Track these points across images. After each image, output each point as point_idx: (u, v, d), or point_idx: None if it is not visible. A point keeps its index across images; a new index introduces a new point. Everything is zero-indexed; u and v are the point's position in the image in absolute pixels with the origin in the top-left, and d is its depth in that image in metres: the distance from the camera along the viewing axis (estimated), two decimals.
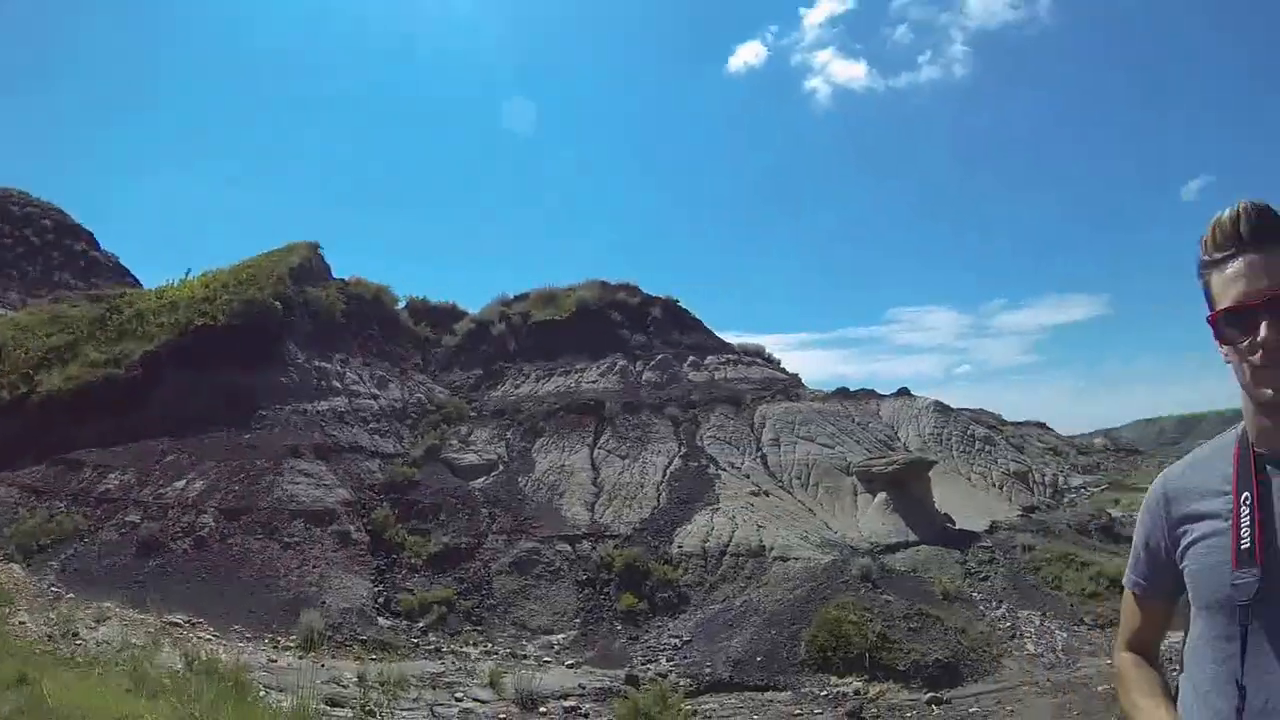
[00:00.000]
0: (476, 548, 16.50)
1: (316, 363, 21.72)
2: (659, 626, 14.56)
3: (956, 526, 18.85)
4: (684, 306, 29.09)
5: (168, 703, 7.23)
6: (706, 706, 11.70)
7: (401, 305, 27.89)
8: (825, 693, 12.28)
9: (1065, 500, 22.68)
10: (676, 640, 13.96)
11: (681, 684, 12.22)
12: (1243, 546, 1.31)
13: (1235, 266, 1.33)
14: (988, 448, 23.73)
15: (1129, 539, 1.59)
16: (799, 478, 20.55)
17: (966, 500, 20.31)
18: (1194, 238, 1.44)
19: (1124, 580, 1.62)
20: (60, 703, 5.86)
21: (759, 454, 21.38)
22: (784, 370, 27.60)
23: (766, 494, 19.33)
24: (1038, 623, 13.87)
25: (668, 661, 13.32)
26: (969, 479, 21.92)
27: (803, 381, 26.78)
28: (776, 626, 14.09)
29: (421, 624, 14.19)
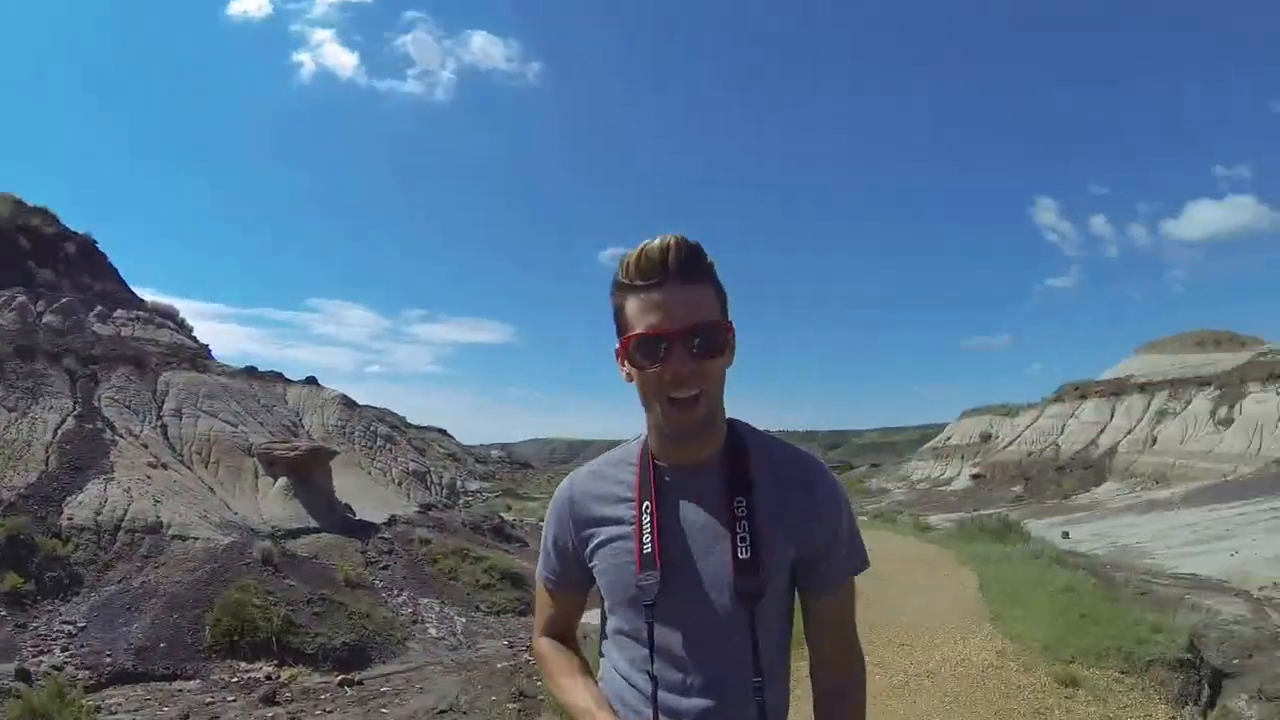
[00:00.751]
0: None
1: None
2: (50, 611, 12.88)
3: (357, 517, 20.24)
4: (102, 250, 25.82)
5: None
6: (111, 700, 10.93)
7: None
8: (236, 679, 12.42)
9: (461, 501, 25.86)
10: (70, 627, 12.55)
11: (80, 677, 11.14)
12: (645, 551, 1.42)
13: (655, 296, 1.36)
14: (390, 445, 25.74)
15: (519, 539, 2.30)
16: (200, 453, 19.68)
17: (367, 492, 21.87)
18: (600, 297, 1.50)
19: (537, 574, 1.66)
20: None
21: (160, 423, 19.82)
22: (194, 339, 25.78)
23: (165, 467, 18.08)
24: (438, 609, 15.98)
25: (62, 652, 11.90)
26: (370, 473, 23.57)
27: (211, 354, 25.25)
28: (179, 610, 13.61)
29: None
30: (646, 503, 1.46)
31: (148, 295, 26.70)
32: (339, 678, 12.99)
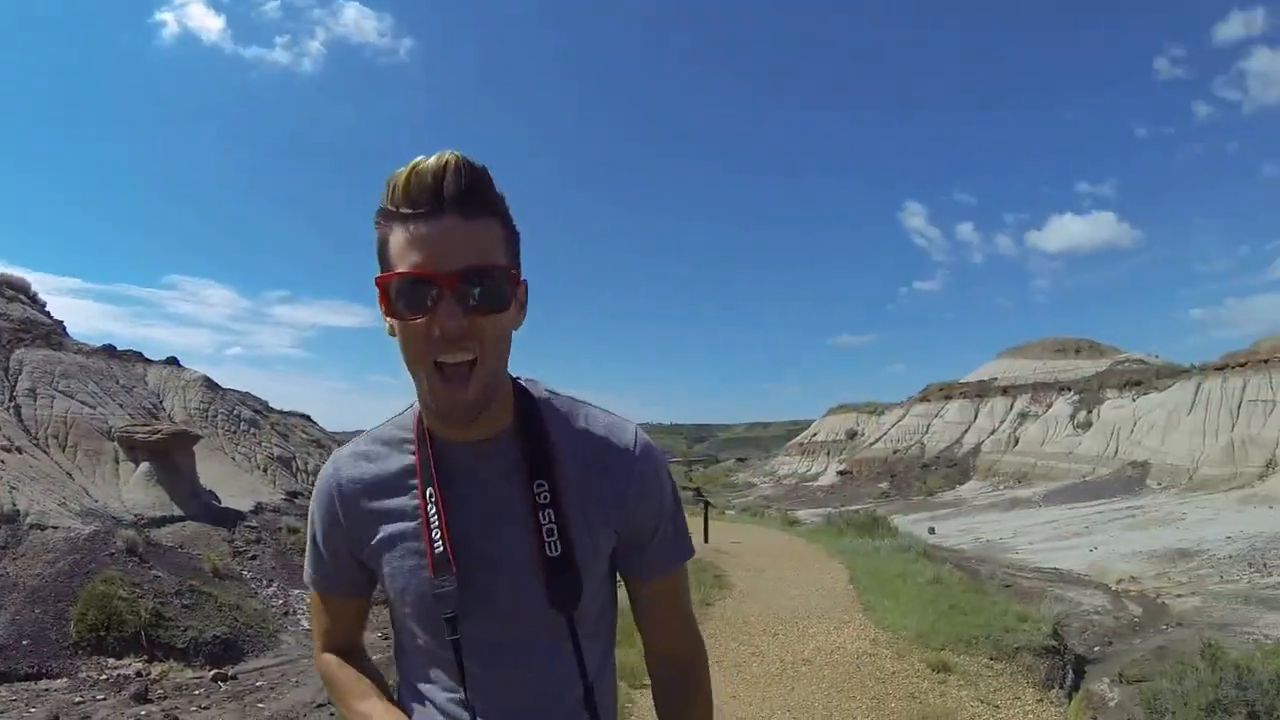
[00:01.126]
0: None
1: None
2: None
3: (222, 504, 19.69)
4: None
5: None
6: None
7: None
8: (105, 676, 12.12)
9: None
10: None
11: None
12: (437, 551, 1.17)
13: (425, 229, 1.07)
14: (254, 430, 24.94)
15: None
16: (56, 436, 18.57)
17: (231, 479, 21.26)
18: None
19: (306, 576, 1.39)
20: None
21: (13, 404, 18.49)
22: (48, 314, 23.89)
23: (20, 451, 17.02)
24: (309, 601, 15.97)
25: None
26: (234, 458, 22.84)
27: (67, 331, 23.66)
28: (41, 605, 13.09)
29: None
30: (430, 490, 1.20)
31: None
32: (212, 672, 12.86)
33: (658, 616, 1.38)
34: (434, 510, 1.20)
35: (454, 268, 1.08)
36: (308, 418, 28.91)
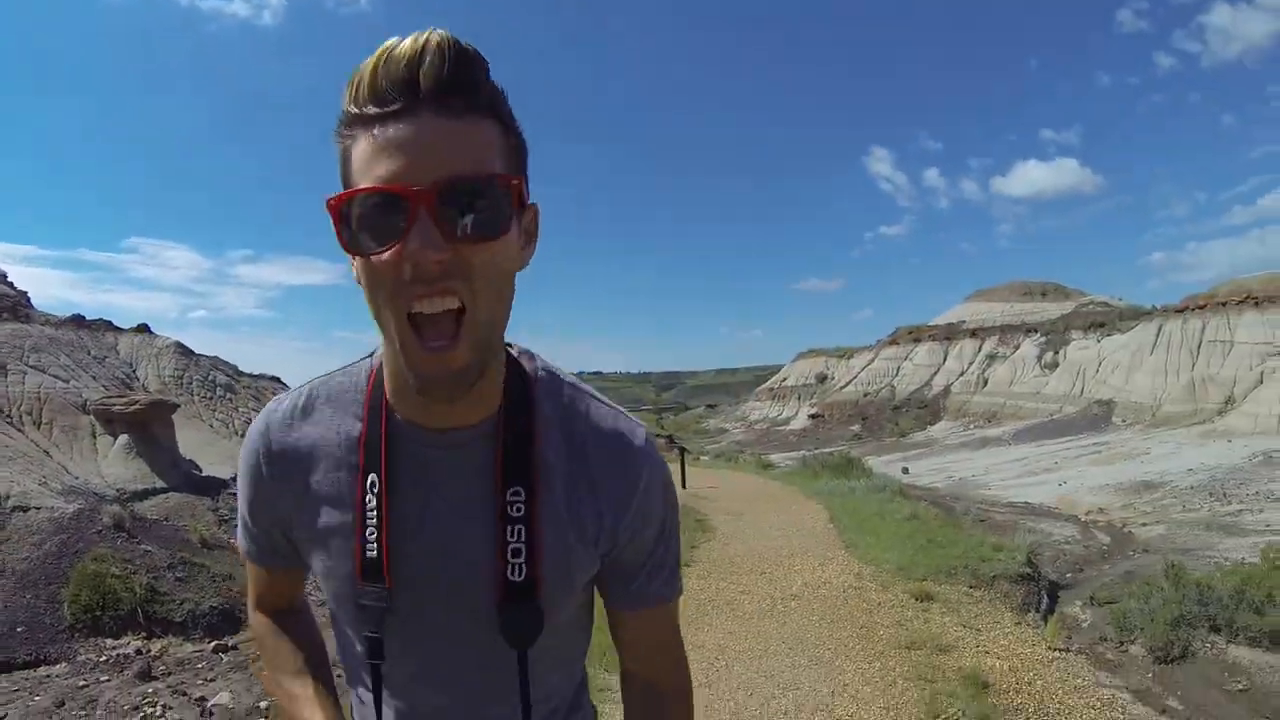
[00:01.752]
0: None
1: None
2: None
3: (203, 473, 19.64)
4: None
5: None
6: None
7: None
8: (104, 658, 12.15)
9: None
10: None
11: None
12: (368, 555, 0.95)
13: (395, 130, 0.78)
14: (229, 395, 24.66)
15: None
16: (30, 413, 18.30)
17: (210, 446, 21.13)
18: None
19: (237, 541, 1.16)
20: None
21: None
22: (11, 285, 23.16)
23: None
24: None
25: None
26: (211, 425, 22.65)
27: (31, 302, 23.04)
28: (32, 590, 13.05)
29: None
30: (373, 476, 0.96)
31: None
32: (212, 644, 12.96)
33: (637, 647, 1.15)
34: (373, 504, 0.96)
35: (431, 179, 0.78)
36: (278, 379, 28.61)
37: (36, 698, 10.89)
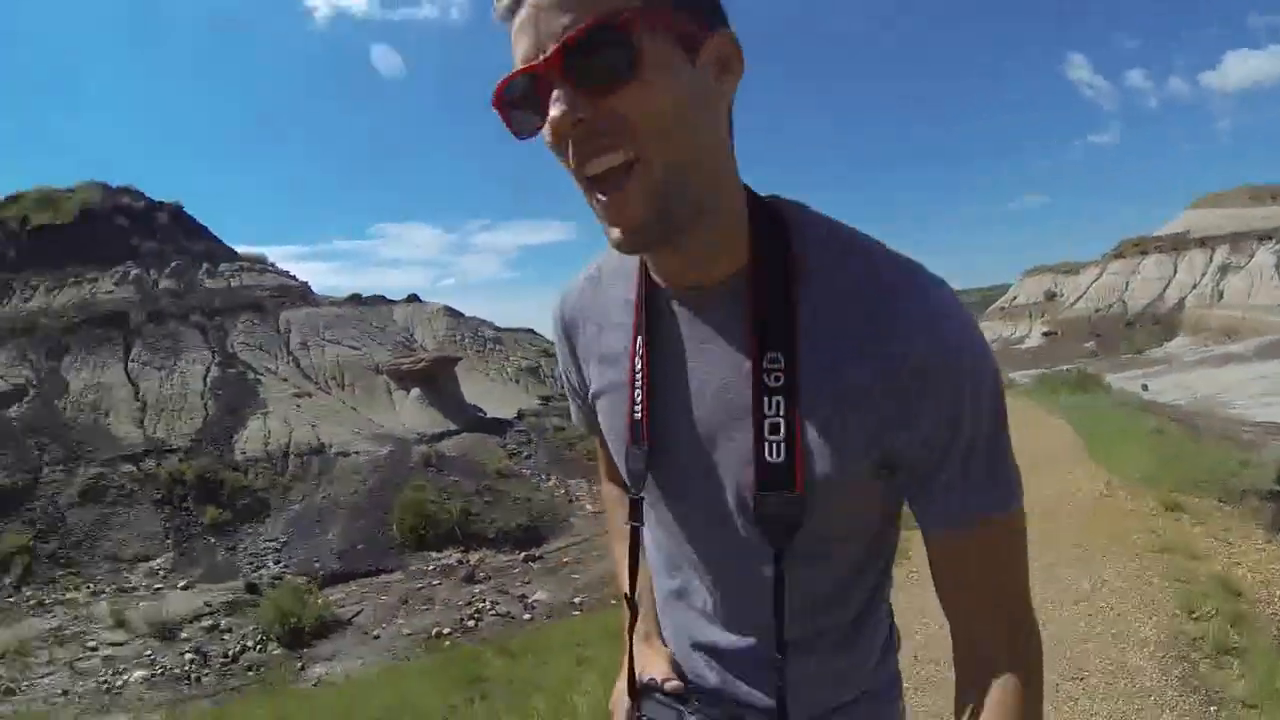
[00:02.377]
0: (34, 484, 14.13)
1: None
2: (250, 533, 14.22)
3: (487, 416, 20.92)
4: (189, 213, 26.96)
5: None
6: (334, 597, 12.01)
7: None
8: (432, 567, 13.38)
9: None
10: (274, 544, 13.87)
11: (299, 582, 12.12)
12: (635, 416, 0.92)
13: (522, 12, 0.75)
14: (498, 347, 26.44)
15: None
16: (334, 378, 20.69)
17: (490, 393, 22.59)
18: None
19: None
20: None
21: (290, 358, 20.97)
22: (295, 278, 26.61)
23: (309, 395, 19.09)
24: (587, 487, 16.74)
25: (275, 564, 13.23)
26: (487, 375, 24.27)
27: (312, 289, 26.28)
28: (363, 516, 14.57)
29: (9, 580, 12.17)
30: (640, 338, 0.91)
31: (237, 248, 27.76)
32: (522, 554, 13.89)
33: (949, 587, 0.85)
34: (639, 366, 0.90)
35: (553, 45, 0.71)
36: (532, 330, 30.29)
37: (384, 597, 12.34)
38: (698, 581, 0.95)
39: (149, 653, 10.23)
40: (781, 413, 0.81)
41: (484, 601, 11.70)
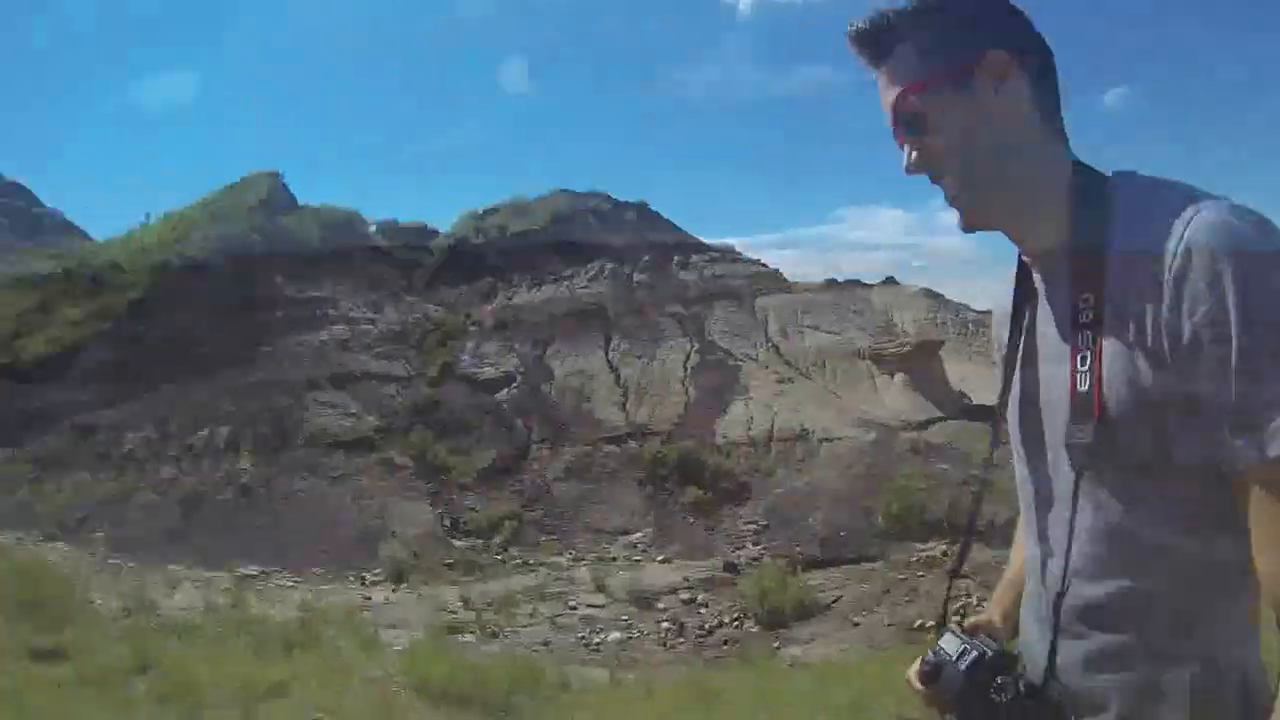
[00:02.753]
0: (523, 459, 16.63)
1: (309, 292, 20.76)
2: (730, 515, 14.96)
3: (974, 403, 19.48)
4: (655, 210, 29.49)
5: (306, 658, 6.86)
6: (814, 581, 12.09)
7: (372, 229, 27.06)
8: (914, 558, 12.85)
9: None
10: (754, 526, 14.36)
11: (778, 565, 12.50)
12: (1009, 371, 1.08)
13: (879, 79, 1.03)
14: (983, 330, 24.51)
15: None
16: (815, 364, 20.99)
17: (975, 378, 20.99)
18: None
19: None
20: (195, 678, 5.18)
21: (769, 344, 21.83)
22: (765, 265, 27.86)
23: (791, 381, 19.66)
24: None
25: (754, 545, 13.72)
26: (970, 359, 22.64)
27: (784, 276, 27.13)
28: (847, 503, 14.48)
29: (498, 540, 14.20)
30: (1012, 307, 1.06)
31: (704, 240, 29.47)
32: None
33: (1252, 533, 0.82)
34: (1011, 332, 1.06)
35: (890, 115, 1.01)
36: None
37: (865, 585, 12.02)
38: (1035, 522, 1.02)
39: (625, 618, 11.14)
40: (1088, 344, 0.90)
41: (970, 597, 10.89)
